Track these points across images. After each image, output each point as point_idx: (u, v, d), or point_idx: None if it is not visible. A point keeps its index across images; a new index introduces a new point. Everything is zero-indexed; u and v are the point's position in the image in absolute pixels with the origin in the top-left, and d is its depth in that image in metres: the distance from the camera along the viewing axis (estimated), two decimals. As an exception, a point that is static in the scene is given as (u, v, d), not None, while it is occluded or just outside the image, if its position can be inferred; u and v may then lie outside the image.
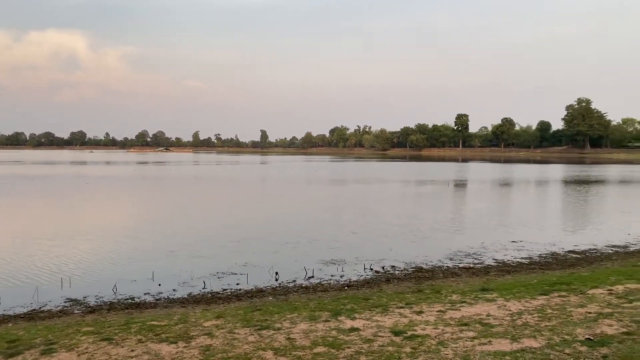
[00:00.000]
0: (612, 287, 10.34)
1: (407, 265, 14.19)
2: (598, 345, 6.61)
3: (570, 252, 15.92)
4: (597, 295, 9.62)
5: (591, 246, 16.71)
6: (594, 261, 14.36)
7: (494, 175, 63.18)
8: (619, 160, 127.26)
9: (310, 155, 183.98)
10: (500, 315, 8.45)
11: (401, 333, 7.53)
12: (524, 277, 12.40)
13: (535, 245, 17.04)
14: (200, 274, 13.23)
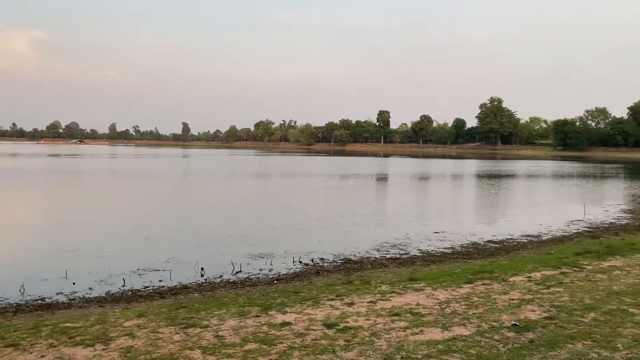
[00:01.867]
0: (530, 274, 10.83)
1: (336, 257, 14.15)
2: (524, 330, 6.82)
3: (489, 241, 16.61)
4: (518, 283, 10.02)
5: (508, 236, 17.54)
6: (512, 250, 15.06)
7: (414, 170, 65.32)
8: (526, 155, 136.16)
9: (235, 149, 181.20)
10: (430, 305, 8.54)
11: (334, 325, 7.39)
12: (449, 266, 12.73)
13: (457, 235, 17.63)
14: (119, 271, 12.41)
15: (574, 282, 9.93)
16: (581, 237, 17.26)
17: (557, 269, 11.27)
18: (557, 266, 11.55)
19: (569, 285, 9.59)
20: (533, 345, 6.15)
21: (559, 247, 15.20)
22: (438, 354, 6.01)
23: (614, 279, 9.99)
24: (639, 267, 11.16)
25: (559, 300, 8.47)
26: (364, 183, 43.63)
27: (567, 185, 44.01)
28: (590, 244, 15.20)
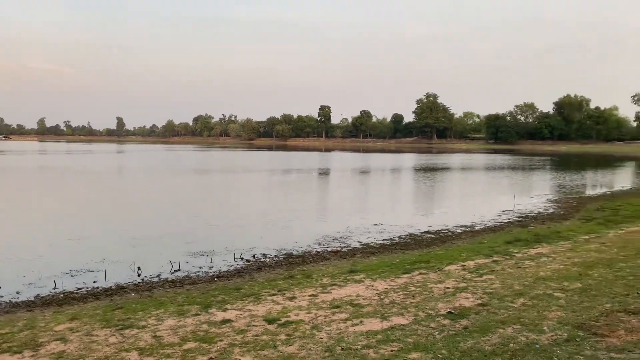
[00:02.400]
0: (464, 263, 11.27)
1: (278, 252, 14.13)
2: (459, 317, 7.09)
3: (426, 232, 17.12)
4: (452, 271, 10.40)
5: (443, 227, 18.14)
6: (447, 240, 15.59)
7: (355, 164, 66.24)
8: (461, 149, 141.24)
9: (173, 145, 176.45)
10: (369, 295, 8.71)
11: (275, 320, 7.39)
12: (387, 257, 13.02)
13: (395, 227, 18.04)
14: (49, 273, 11.81)
15: (504, 269, 10.42)
16: (511, 226, 18.11)
17: (489, 257, 11.79)
18: (489, 255, 12.08)
19: (500, 273, 10.06)
20: (467, 332, 6.41)
21: (491, 236, 15.88)
22: (377, 344, 6.15)
23: (541, 266, 10.57)
24: (564, 254, 11.86)
25: (491, 287, 8.87)
26: (306, 178, 43.78)
27: (499, 177, 46.05)
28: (520, 232, 16.00)
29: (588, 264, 10.33)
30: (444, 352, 5.67)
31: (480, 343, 5.90)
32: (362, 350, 5.91)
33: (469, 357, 5.43)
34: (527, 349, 5.57)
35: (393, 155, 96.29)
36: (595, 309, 7.03)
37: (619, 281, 8.71)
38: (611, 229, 15.69)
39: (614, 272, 9.46)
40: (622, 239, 13.52)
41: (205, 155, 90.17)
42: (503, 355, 5.41)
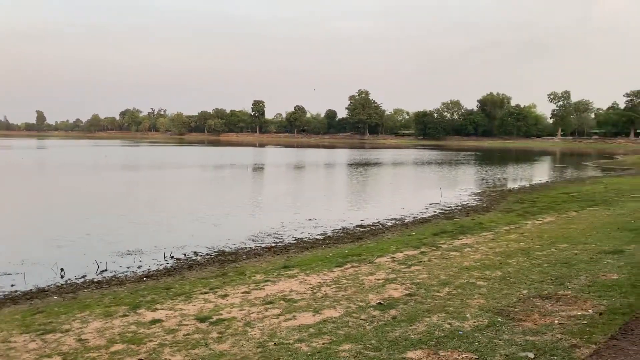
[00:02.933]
0: (394, 254, 11.62)
1: (210, 250, 13.92)
2: (387, 308, 7.31)
3: (358, 226, 17.47)
4: (383, 263, 10.69)
5: (375, 220, 18.59)
6: (378, 233, 16.00)
7: (289, 159, 66.27)
8: (391, 145, 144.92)
9: (98, 140, 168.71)
10: (302, 290, 8.79)
11: (207, 319, 7.30)
12: (321, 252, 13.18)
13: (329, 222, 18.28)
14: (-41, 278, 11.01)
15: (431, 260, 10.84)
16: (438, 218, 18.85)
17: (417, 248, 12.23)
18: (417, 246, 12.53)
19: (427, 263, 10.46)
20: (395, 321, 6.63)
21: (419, 228, 16.47)
22: (309, 337, 6.23)
23: (465, 256, 11.09)
24: (486, 244, 12.50)
25: (419, 277, 9.21)
26: (239, 173, 43.30)
27: (427, 172, 47.74)
28: (446, 224, 16.70)
29: (508, 254, 10.95)
30: (374, 342, 5.84)
31: (408, 332, 6.13)
32: (294, 345, 5.97)
33: (397, 346, 5.63)
34: (451, 335, 5.84)
35: (327, 151, 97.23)
36: (514, 296, 7.49)
37: (535, 269, 9.30)
38: (529, 219, 16.71)
39: (530, 260, 10.09)
40: (539, 229, 14.43)
41: (133, 151, 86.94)
42: (429, 343, 5.64)
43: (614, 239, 11.63)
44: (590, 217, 16.23)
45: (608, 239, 11.71)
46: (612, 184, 29.99)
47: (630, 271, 8.37)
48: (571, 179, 38.38)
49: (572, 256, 10.08)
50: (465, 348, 5.38)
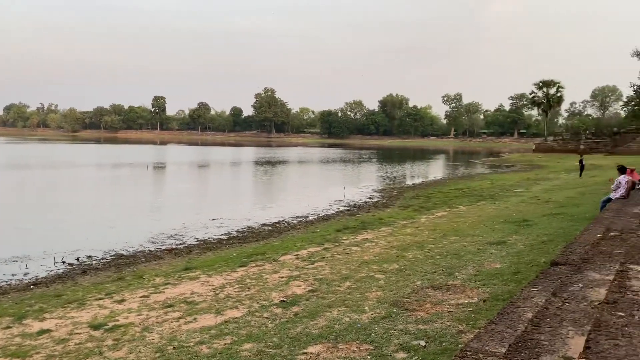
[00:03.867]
0: (298, 252, 11.77)
1: (106, 254, 13.22)
2: (290, 305, 7.41)
3: (263, 225, 17.47)
4: (287, 261, 10.80)
5: (280, 218, 18.69)
6: (283, 231, 16.11)
7: (192, 158, 64.48)
8: (298, 143, 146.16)
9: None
10: (204, 292, 8.65)
11: (101, 326, 6.96)
12: (225, 252, 13.02)
13: (233, 221, 18.09)
14: None
15: (334, 256, 11.13)
16: (341, 215, 19.37)
17: (321, 245, 12.49)
18: (320, 243, 12.79)
19: (330, 259, 10.72)
20: (297, 318, 6.74)
21: (323, 225, 16.81)
22: (210, 339, 6.15)
23: (365, 250, 11.51)
24: (385, 238, 13.05)
25: (321, 273, 9.42)
26: (138, 172, 41.42)
27: (331, 170, 48.76)
28: (349, 221, 17.20)
29: (404, 247, 11.52)
30: (275, 339, 5.90)
31: (309, 327, 6.25)
32: (194, 347, 5.87)
33: (297, 342, 5.73)
34: (349, 328, 6.05)
35: (233, 149, 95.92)
36: (408, 287, 7.90)
37: (429, 260, 9.87)
38: (424, 214, 17.68)
39: (424, 252, 10.69)
40: (433, 223, 15.32)
41: (19, 149, 79.95)
42: (328, 337, 5.81)
43: (498, 231, 12.63)
44: (478, 211, 17.51)
45: (493, 231, 12.70)
46: (497, 180, 32.56)
47: (511, 260, 9.15)
48: (462, 175, 41.11)
49: (462, 248, 10.82)
50: (363, 340, 5.60)
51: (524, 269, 8.06)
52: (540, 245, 9.86)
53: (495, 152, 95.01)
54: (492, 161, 63.95)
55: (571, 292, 4.12)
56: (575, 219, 12.73)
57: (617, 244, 5.63)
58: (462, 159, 73.88)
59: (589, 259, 5.20)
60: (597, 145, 63.08)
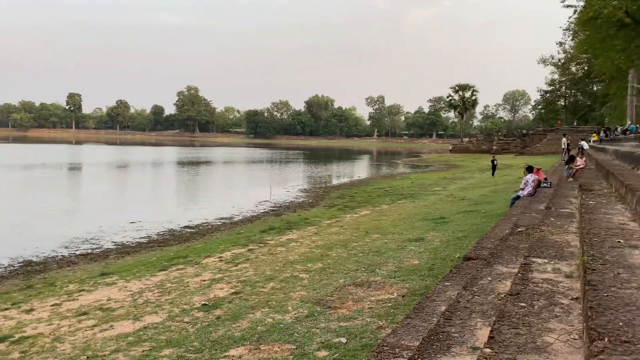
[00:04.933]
0: (222, 254, 11.59)
1: (13, 261, 12.32)
2: (212, 308, 7.28)
3: (185, 227, 17.02)
4: (210, 264, 10.60)
5: (203, 220, 18.29)
6: (207, 233, 15.79)
7: (110, 158, 61.59)
8: (223, 143, 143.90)
9: None
10: (121, 298, 8.30)
11: (6, 338, 6.49)
12: (144, 256, 12.57)
13: (154, 224, 17.48)
14: None
15: (258, 257, 11.06)
16: (267, 216, 19.28)
17: (245, 246, 12.37)
18: (245, 244, 12.67)
19: (254, 260, 10.65)
20: (219, 321, 6.63)
21: (248, 226, 16.67)
22: (127, 346, 5.91)
23: (290, 250, 11.54)
24: (310, 238, 13.15)
25: (245, 275, 9.33)
26: (51, 174, 38.94)
27: (258, 170, 48.42)
28: (274, 221, 17.16)
29: (328, 246, 11.67)
30: (196, 344, 5.77)
31: (231, 330, 6.17)
32: (110, 356, 5.62)
33: (219, 345, 5.64)
34: (272, 329, 6.04)
35: (154, 149, 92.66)
36: (332, 285, 8.00)
37: (352, 258, 10.06)
38: (348, 213, 18.00)
39: (348, 251, 10.88)
40: (356, 222, 15.64)
41: None
42: (251, 339, 5.76)
43: (417, 229, 13.11)
44: (399, 210, 18.08)
45: (412, 229, 13.17)
46: (417, 179, 33.80)
47: (429, 256, 9.53)
48: (385, 175, 42.29)
49: (383, 245, 11.12)
50: (286, 340, 5.61)
51: (440, 264, 8.41)
52: (456, 241, 10.34)
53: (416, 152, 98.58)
54: (412, 161, 66.28)
55: (480, 286, 4.35)
56: (487, 215, 13.47)
57: (522, 239, 6.02)
58: (385, 159, 75.98)
59: (498, 253, 5.52)
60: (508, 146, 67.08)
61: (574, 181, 11.52)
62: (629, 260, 3.30)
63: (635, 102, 32.30)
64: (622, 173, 7.98)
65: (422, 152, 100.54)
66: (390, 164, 61.86)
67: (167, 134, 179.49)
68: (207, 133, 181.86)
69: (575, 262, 3.82)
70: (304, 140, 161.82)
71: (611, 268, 3.07)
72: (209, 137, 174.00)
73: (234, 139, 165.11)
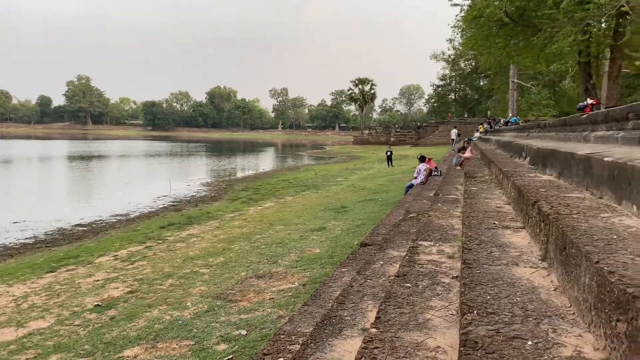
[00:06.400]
0: (117, 252, 11.05)
1: None
2: (106, 309, 6.93)
3: (77, 225, 15.97)
4: (104, 263, 10.06)
5: (97, 218, 17.28)
6: (100, 231, 14.94)
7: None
8: (118, 136, 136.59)
9: None
10: (3, 304, 7.65)
11: None
12: (30, 257, 11.64)
13: (41, 223, 16.23)
14: None
15: (156, 254, 10.68)
16: (166, 211, 18.62)
17: (143, 243, 11.88)
18: (142, 241, 12.17)
19: (152, 258, 10.27)
20: (113, 321, 6.33)
21: (146, 222, 16.00)
22: (9, 355, 5.47)
23: (191, 246, 11.27)
24: (211, 232, 12.92)
25: (142, 273, 8.97)
26: None
27: (156, 164, 46.54)
28: (174, 216, 16.63)
29: (231, 239, 11.55)
30: (87, 347, 5.47)
31: (127, 330, 5.92)
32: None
33: (113, 347, 5.39)
34: (170, 326, 5.87)
35: (41, 143, 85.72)
36: (233, 279, 7.94)
37: (254, 251, 10.04)
38: (252, 206, 17.91)
39: (251, 243, 10.84)
40: (260, 214, 15.60)
41: None
42: (147, 338, 5.57)
43: (319, 218, 13.37)
44: (303, 200, 18.31)
45: (315, 219, 13.41)
46: (321, 170, 34.41)
47: (329, 245, 9.77)
48: (290, 167, 42.56)
49: (286, 236, 11.22)
50: (184, 336, 5.49)
51: (340, 251, 8.66)
52: (355, 229, 10.69)
53: (319, 144, 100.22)
54: (316, 153, 67.30)
55: (373, 270, 4.55)
56: (384, 203, 14.06)
57: (413, 224, 6.36)
58: (290, 151, 76.43)
59: (391, 238, 5.79)
60: (404, 138, 70.32)
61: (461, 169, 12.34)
62: (501, 239, 3.61)
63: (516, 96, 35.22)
64: (501, 161, 8.68)
65: (325, 144, 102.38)
66: (295, 156, 62.34)
67: (56, 127, 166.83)
68: (101, 125, 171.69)
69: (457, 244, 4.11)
70: (206, 132, 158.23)
71: (485, 247, 3.35)
72: (103, 129, 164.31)
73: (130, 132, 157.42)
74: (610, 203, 3.33)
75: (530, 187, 4.32)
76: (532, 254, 3.16)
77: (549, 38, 16.54)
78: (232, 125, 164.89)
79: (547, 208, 3.15)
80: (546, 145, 6.86)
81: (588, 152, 4.28)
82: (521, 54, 21.02)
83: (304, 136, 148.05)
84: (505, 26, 18.88)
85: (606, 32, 16.04)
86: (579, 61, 18.47)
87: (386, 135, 73.13)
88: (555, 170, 5.33)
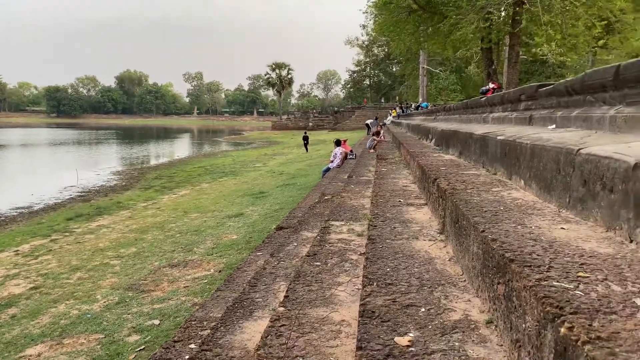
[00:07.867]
0: (18, 247, 10.32)
1: None
2: (6, 307, 6.48)
3: (-29, 221, 14.70)
4: (3, 259, 9.37)
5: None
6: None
7: None
8: (18, 124, 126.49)
9: None
10: None
11: None
12: None
13: None
14: None
15: (63, 247, 10.10)
16: (74, 202, 17.59)
17: (48, 237, 11.19)
18: (47, 234, 11.45)
19: (58, 251, 9.71)
20: (14, 320, 5.94)
21: (51, 215, 15.04)
22: None
23: (101, 237, 10.76)
24: (123, 223, 12.41)
25: (47, 268, 8.46)
26: None
27: (62, 153, 43.71)
28: (82, 207, 15.76)
29: (144, 229, 11.16)
30: (-16, 349, 5.10)
31: (29, 328, 5.58)
32: None
33: (13, 347, 5.06)
34: (78, 321, 5.61)
35: None
36: (146, 269, 7.70)
37: (169, 240, 9.78)
38: (166, 194, 17.37)
39: (164, 232, 10.55)
40: (174, 202, 15.19)
41: None
42: (52, 334, 5.28)
43: (237, 205, 13.25)
44: (220, 187, 18.03)
45: (232, 205, 13.27)
46: (239, 156, 34.00)
47: (247, 230, 9.73)
48: (206, 153, 41.63)
49: (202, 224, 11.02)
50: (93, 330, 5.27)
51: (257, 236, 8.65)
52: (273, 214, 10.72)
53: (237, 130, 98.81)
54: (234, 139, 66.30)
55: (287, 251, 4.60)
56: (302, 187, 14.19)
57: (327, 206, 6.49)
58: (207, 137, 74.68)
59: (305, 220, 5.87)
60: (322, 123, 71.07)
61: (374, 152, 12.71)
62: (405, 216, 3.79)
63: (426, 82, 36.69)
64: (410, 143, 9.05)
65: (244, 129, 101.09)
66: (212, 142, 61.03)
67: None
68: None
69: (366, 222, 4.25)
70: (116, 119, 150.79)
71: (389, 223, 3.50)
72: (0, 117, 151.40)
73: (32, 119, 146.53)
74: (502, 178, 3.59)
75: (432, 166, 4.55)
76: (432, 228, 3.34)
77: (454, 25, 17.35)
78: (144, 111, 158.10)
79: (444, 184, 3.34)
80: (450, 127, 7.23)
81: (484, 131, 4.57)
82: (429, 40, 21.90)
83: (221, 122, 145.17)
84: (414, 12, 19.54)
85: (505, 20, 17.09)
86: (482, 47, 19.55)
87: (304, 120, 73.49)
88: (457, 150, 5.65)
